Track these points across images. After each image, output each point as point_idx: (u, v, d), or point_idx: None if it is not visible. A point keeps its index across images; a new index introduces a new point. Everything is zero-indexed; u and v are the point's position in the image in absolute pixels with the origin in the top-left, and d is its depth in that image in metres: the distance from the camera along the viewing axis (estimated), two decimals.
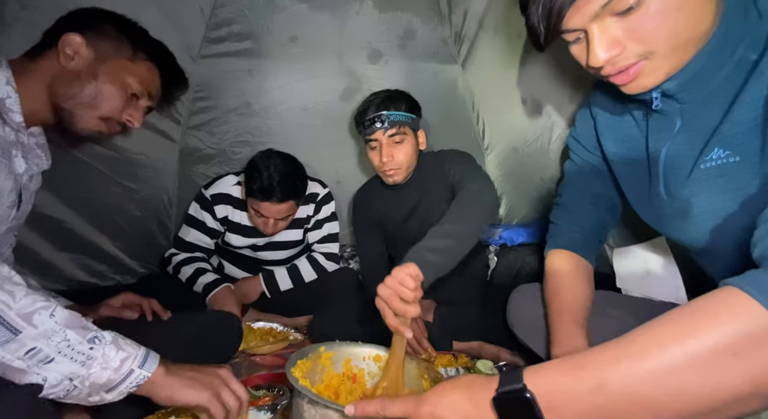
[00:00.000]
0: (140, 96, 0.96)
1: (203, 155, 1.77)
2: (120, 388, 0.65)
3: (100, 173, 1.53)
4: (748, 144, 0.59)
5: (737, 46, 0.59)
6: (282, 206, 1.41)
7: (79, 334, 0.64)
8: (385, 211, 1.48)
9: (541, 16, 0.63)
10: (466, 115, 1.81)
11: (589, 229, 0.94)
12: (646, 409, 0.42)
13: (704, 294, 0.43)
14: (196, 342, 1.08)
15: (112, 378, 0.65)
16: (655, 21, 0.56)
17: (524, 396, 0.46)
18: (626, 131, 0.78)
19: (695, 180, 0.66)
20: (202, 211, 1.54)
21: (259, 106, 1.75)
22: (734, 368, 0.39)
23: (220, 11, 1.56)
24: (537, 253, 1.49)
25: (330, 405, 0.65)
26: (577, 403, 0.44)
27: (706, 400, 0.40)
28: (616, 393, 0.43)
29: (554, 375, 0.47)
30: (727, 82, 0.60)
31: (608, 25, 0.59)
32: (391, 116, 1.28)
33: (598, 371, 0.44)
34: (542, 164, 1.47)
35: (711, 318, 0.41)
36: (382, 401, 0.56)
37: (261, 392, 1.02)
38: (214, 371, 0.77)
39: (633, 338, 0.44)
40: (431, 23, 1.67)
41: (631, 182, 0.81)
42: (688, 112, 0.66)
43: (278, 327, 1.48)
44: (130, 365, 0.66)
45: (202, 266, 1.52)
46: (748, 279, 0.42)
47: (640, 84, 0.63)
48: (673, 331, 0.42)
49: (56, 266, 1.55)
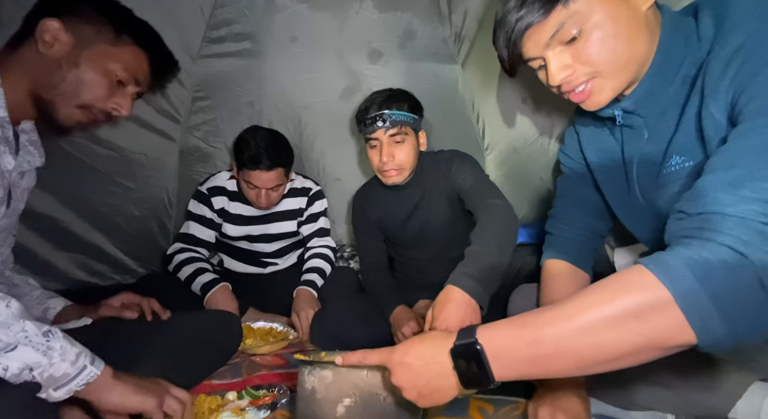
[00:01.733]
0: (126, 83, 0.89)
1: (203, 154, 1.77)
2: (71, 385, 0.66)
3: (99, 173, 1.53)
4: (697, 150, 0.69)
5: (680, 65, 0.69)
6: (271, 174, 1.48)
7: (36, 326, 0.64)
8: (384, 212, 1.47)
9: (503, 46, 0.76)
10: (466, 115, 1.81)
11: (582, 235, 0.98)
12: (569, 359, 0.54)
13: (619, 271, 0.56)
14: (196, 341, 1.08)
15: (68, 371, 0.65)
16: (596, 47, 0.68)
17: (475, 348, 0.58)
18: (605, 143, 0.87)
19: (661, 184, 0.76)
20: (200, 204, 1.60)
21: (259, 105, 1.75)
22: (635, 327, 0.50)
23: (220, 11, 1.56)
24: (537, 253, 1.48)
25: (325, 365, 0.74)
26: (516, 354, 0.57)
27: (613, 351, 0.52)
28: (548, 347, 0.55)
29: (501, 331, 0.59)
30: (677, 97, 0.71)
31: (559, 52, 0.71)
32: (393, 115, 1.27)
33: (536, 329, 0.56)
34: (542, 164, 1.47)
35: (623, 289, 0.52)
36: (364, 352, 0.70)
37: (261, 392, 1.02)
38: (155, 380, 0.79)
39: (565, 303, 0.55)
40: (431, 23, 1.67)
41: (612, 188, 0.89)
42: (651, 124, 0.76)
43: (278, 326, 1.48)
44: (84, 360, 0.67)
45: (202, 265, 1.53)
46: (653, 259, 0.52)
47: (595, 101, 0.74)
48: (594, 299, 0.53)
49: (56, 265, 1.55)
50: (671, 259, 0.51)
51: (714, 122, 0.62)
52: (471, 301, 0.90)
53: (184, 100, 1.65)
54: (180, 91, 1.63)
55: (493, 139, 1.77)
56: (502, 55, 0.77)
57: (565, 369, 0.56)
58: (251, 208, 1.62)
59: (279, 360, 1.29)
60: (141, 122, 1.58)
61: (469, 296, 0.89)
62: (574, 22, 0.68)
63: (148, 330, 1.05)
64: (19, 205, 0.95)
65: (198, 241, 1.59)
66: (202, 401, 0.97)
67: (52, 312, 1.03)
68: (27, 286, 1.05)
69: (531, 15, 0.70)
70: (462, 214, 1.38)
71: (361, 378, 0.73)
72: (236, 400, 1.00)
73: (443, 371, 0.61)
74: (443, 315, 0.88)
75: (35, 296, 1.04)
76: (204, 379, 1.13)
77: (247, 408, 0.96)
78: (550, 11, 0.68)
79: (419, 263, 1.52)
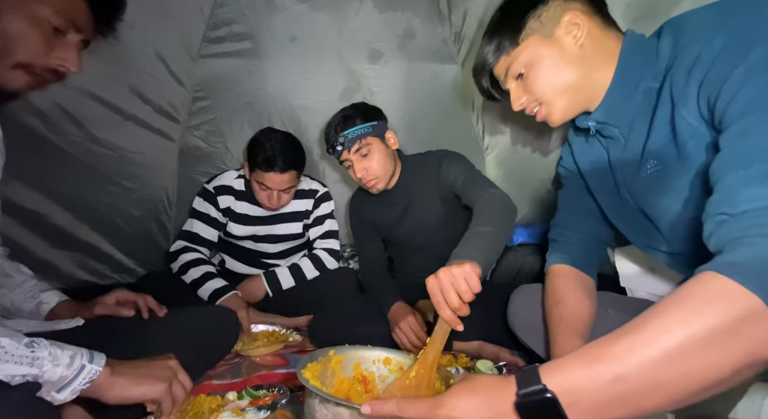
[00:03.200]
0: (65, 31, 0.74)
1: (203, 154, 1.77)
2: (73, 385, 0.65)
3: (98, 173, 1.53)
4: (668, 155, 0.74)
5: (639, 81, 0.77)
6: (285, 176, 1.48)
7: (15, 340, 0.62)
8: (377, 216, 1.49)
9: (476, 80, 0.94)
10: (466, 115, 1.81)
11: (586, 241, 0.98)
12: (662, 392, 0.46)
13: (686, 282, 0.48)
14: (193, 337, 1.06)
15: (65, 374, 0.64)
16: (536, 81, 0.84)
17: (546, 397, 0.48)
18: (594, 153, 0.92)
19: (642, 187, 0.81)
20: (206, 203, 1.59)
21: (258, 106, 1.75)
22: (733, 345, 0.44)
23: (220, 11, 1.56)
24: (537, 253, 1.49)
25: (341, 403, 0.65)
26: (598, 396, 0.47)
27: (712, 376, 0.45)
28: (634, 381, 0.46)
29: (573, 371, 0.49)
30: (642, 107, 0.77)
31: (515, 86, 0.88)
32: (348, 134, 1.31)
33: (615, 362, 0.47)
34: (542, 164, 1.48)
35: (705, 302, 0.46)
36: (399, 401, 0.57)
37: (261, 392, 1.02)
38: (164, 362, 0.76)
39: (640, 327, 0.47)
40: (431, 23, 1.68)
41: (604, 194, 0.93)
42: (624, 133, 0.83)
43: (279, 329, 1.48)
44: (81, 361, 0.66)
45: (210, 270, 1.52)
46: (721, 265, 0.47)
47: (551, 120, 0.87)
48: (675, 318, 0.46)
49: (54, 264, 1.55)
50: (744, 261, 0.47)
51: (688, 125, 0.68)
52: None
53: (183, 100, 1.65)
54: (180, 91, 1.63)
55: (493, 139, 1.77)
56: (481, 88, 0.95)
57: (658, 406, 0.47)
58: (258, 208, 1.61)
59: (279, 360, 1.29)
60: (140, 122, 1.58)
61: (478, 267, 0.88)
62: (518, 64, 0.84)
63: (144, 327, 1.04)
64: None
65: (201, 240, 1.59)
66: (202, 401, 0.97)
67: (46, 307, 1.00)
68: (19, 275, 1.01)
69: (489, 58, 0.89)
70: (457, 212, 1.38)
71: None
72: (236, 400, 1.00)
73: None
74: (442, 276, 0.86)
75: (28, 288, 1.00)
76: (201, 375, 1.12)
77: (247, 408, 0.96)
78: (499, 57, 0.87)
79: (417, 262, 1.52)
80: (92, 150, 1.49)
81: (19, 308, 0.99)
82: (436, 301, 0.81)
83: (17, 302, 0.99)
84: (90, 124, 1.46)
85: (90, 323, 0.98)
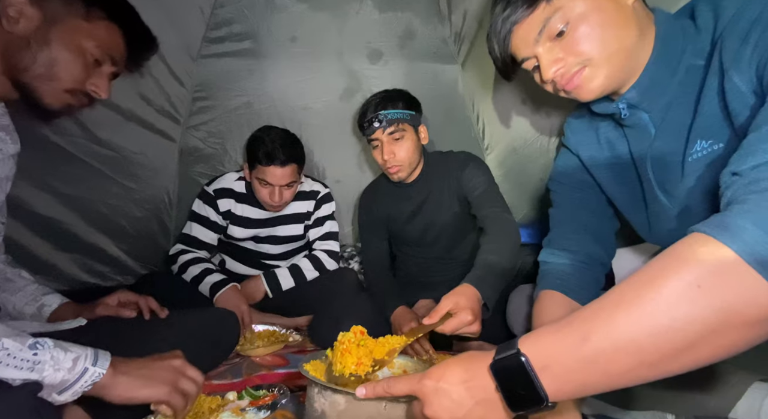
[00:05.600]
0: (102, 62, 0.85)
1: (203, 154, 1.77)
2: (75, 388, 0.65)
3: (100, 174, 1.53)
4: (724, 130, 0.66)
5: (681, 56, 0.69)
6: (286, 170, 1.47)
7: (18, 341, 0.62)
8: (390, 208, 1.49)
9: (496, 49, 0.78)
10: (466, 115, 1.81)
11: (580, 262, 0.91)
12: (630, 353, 0.44)
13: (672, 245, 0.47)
14: (194, 339, 1.07)
15: (66, 378, 0.64)
16: (584, 38, 0.70)
17: (519, 360, 0.48)
18: (613, 152, 0.85)
19: (688, 173, 0.72)
20: (205, 206, 1.58)
21: (259, 106, 1.75)
22: (700, 299, 0.41)
23: (220, 11, 1.56)
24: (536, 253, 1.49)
25: (338, 390, 0.66)
26: (566, 358, 0.47)
27: (681, 335, 0.42)
28: (601, 343, 0.45)
29: (544, 335, 0.50)
30: (684, 87, 0.70)
31: (549, 47, 0.73)
32: (388, 114, 1.31)
33: (582, 324, 0.47)
34: (542, 164, 1.47)
35: (675, 258, 0.45)
36: (388, 380, 0.59)
37: (261, 392, 1.02)
38: (168, 363, 0.76)
39: (612, 291, 0.47)
40: (431, 23, 1.67)
41: (625, 196, 0.86)
42: (657, 118, 0.74)
43: (279, 329, 1.48)
44: (84, 363, 0.66)
45: (209, 266, 1.53)
46: (708, 222, 0.45)
47: (588, 88, 0.74)
48: (645, 277, 0.45)
49: (56, 266, 1.55)
50: (728, 217, 0.44)
51: (740, 94, 0.61)
52: (480, 300, 0.98)
53: (184, 100, 1.66)
54: (180, 91, 1.63)
55: (493, 139, 1.77)
56: (495, 58, 0.80)
57: (631, 370, 0.45)
58: (259, 210, 1.61)
59: (279, 360, 1.29)
60: (141, 122, 1.58)
61: (479, 295, 0.98)
62: (560, 17, 0.70)
63: (145, 329, 1.04)
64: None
65: (200, 243, 1.58)
66: (202, 401, 0.97)
67: (47, 310, 1.00)
68: (21, 280, 1.02)
69: (516, 13, 0.73)
70: (469, 216, 1.39)
71: (378, 411, 0.64)
72: (236, 400, 1.00)
73: (487, 395, 0.51)
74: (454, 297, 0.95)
75: (29, 292, 1.01)
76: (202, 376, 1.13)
77: (247, 408, 0.96)
78: (534, 8, 0.72)
79: (422, 261, 1.52)
80: (95, 151, 1.49)
81: (21, 311, 1.00)
82: None
83: (19, 305, 1.00)
84: (92, 125, 1.46)
85: (92, 323, 0.99)
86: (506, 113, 1.60)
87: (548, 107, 1.38)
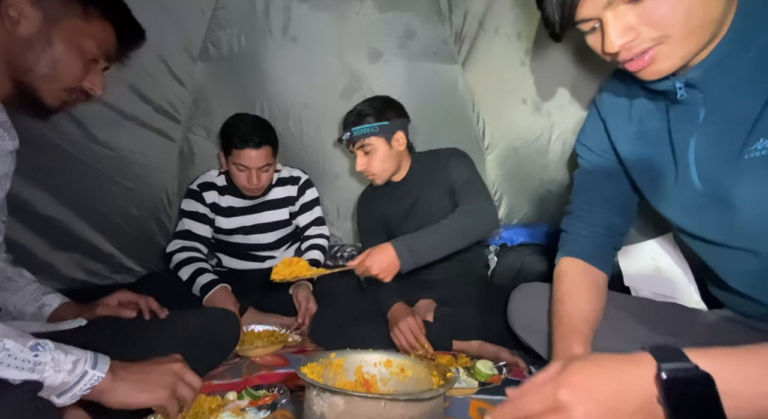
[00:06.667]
0: (99, 60, 0.86)
1: (203, 154, 1.77)
2: (74, 391, 0.64)
3: (99, 173, 1.53)
4: None
5: (758, 33, 0.60)
6: (261, 152, 1.53)
7: (19, 342, 0.62)
8: (386, 208, 1.53)
9: (555, 6, 0.64)
10: (466, 115, 1.81)
11: (600, 235, 0.89)
12: None
13: None
14: (194, 339, 1.07)
15: (66, 380, 0.64)
16: (668, 5, 0.57)
17: (702, 376, 0.41)
18: (644, 127, 0.77)
19: (740, 170, 0.64)
20: (192, 201, 1.63)
21: (259, 106, 1.75)
22: None
23: (221, 12, 1.56)
24: (537, 253, 1.49)
25: (337, 391, 0.66)
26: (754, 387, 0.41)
27: None
28: None
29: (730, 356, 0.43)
30: (755, 70, 0.60)
31: (622, 12, 0.60)
32: (355, 131, 1.40)
33: None
34: (542, 164, 1.48)
35: None
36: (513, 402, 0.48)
37: (261, 392, 1.02)
38: (168, 367, 0.76)
39: None
40: (431, 23, 1.67)
41: (652, 176, 0.79)
42: (712, 100, 0.65)
43: (279, 329, 1.48)
44: (83, 366, 0.65)
45: (201, 266, 1.53)
46: None
47: (656, 69, 0.63)
48: None
49: (54, 265, 1.55)
50: None
51: None
52: (397, 262, 1.16)
53: (184, 100, 1.65)
54: (180, 91, 1.63)
55: (493, 139, 1.76)
56: (551, 16, 0.66)
57: None
58: (241, 199, 1.66)
59: (279, 360, 1.29)
60: (141, 122, 1.58)
61: (397, 258, 1.16)
62: None
63: (146, 329, 1.04)
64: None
65: (195, 236, 1.61)
66: (202, 401, 0.97)
67: (48, 310, 1.00)
68: (22, 279, 1.02)
69: None
70: None
71: (377, 412, 0.65)
72: (236, 400, 1.00)
73: (645, 404, 0.43)
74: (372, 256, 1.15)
75: (30, 292, 1.01)
76: (202, 377, 1.12)
77: (247, 408, 0.96)
78: None
79: None
80: (93, 150, 1.49)
81: (22, 310, 1.00)
82: None
83: (19, 305, 1.00)
84: (91, 124, 1.46)
85: (92, 324, 0.99)
86: (506, 113, 1.60)
87: (549, 107, 1.38)
